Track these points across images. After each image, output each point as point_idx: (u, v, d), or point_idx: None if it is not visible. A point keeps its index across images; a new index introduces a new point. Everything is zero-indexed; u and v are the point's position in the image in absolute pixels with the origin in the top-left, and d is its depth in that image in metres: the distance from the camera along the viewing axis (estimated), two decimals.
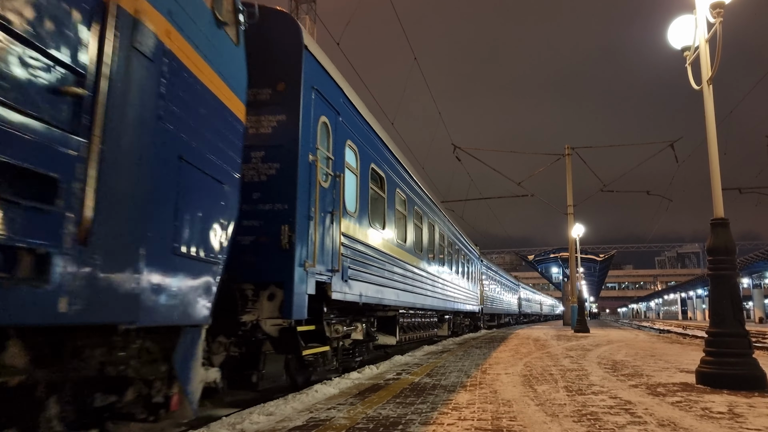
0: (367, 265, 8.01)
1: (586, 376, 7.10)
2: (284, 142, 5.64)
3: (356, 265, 7.44)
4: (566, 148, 27.40)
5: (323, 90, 6.46)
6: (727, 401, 5.11)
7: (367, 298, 7.96)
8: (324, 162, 6.35)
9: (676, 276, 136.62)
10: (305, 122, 5.81)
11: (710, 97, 6.70)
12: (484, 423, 4.15)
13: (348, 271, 7.06)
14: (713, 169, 6.61)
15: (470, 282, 21.72)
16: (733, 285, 6.20)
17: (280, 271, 5.36)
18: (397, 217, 10.28)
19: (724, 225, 6.33)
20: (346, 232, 7.06)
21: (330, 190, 6.50)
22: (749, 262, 46.36)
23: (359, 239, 7.66)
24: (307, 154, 5.80)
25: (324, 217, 6.28)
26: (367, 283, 7.92)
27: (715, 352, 6.12)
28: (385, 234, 9.23)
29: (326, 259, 6.28)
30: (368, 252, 8.10)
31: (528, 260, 65.11)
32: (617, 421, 4.18)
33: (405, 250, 10.64)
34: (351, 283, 7.17)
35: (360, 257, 7.67)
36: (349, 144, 7.44)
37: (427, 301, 12.79)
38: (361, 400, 5.26)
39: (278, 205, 5.50)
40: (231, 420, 4.63)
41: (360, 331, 8.19)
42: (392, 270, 9.55)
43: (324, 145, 6.47)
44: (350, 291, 7.14)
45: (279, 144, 5.64)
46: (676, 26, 7.21)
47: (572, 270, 28.74)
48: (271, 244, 5.40)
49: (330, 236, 6.48)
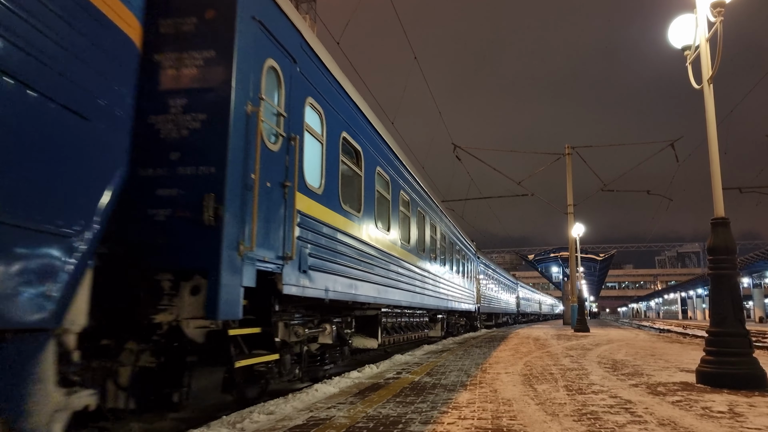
0: (337, 254, 6.80)
1: (586, 375, 7.10)
2: (213, 84, 4.40)
3: (321, 253, 6.25)
4: (566, 148, 27.38)
5: (271, 26, 5.17)
6: (728, 400, 5.11)
7: (337, 294, 6.73)
8: (272, 118, 5.14)
9: (676, 275, 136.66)
10: (242, 61, 4.55)
11: (711, 97, 6.69)
12: (484, 422, 4.15)
13: (308, 260, 5.84)
14: (714, 168, 6.60)
15: (466, 280, 20.32)
16: (733, 284, 6.20)
17: (203, 256, 4.11)
18: (378, 201, 8.99)
19: (725, 224, 6.33)
20: (307, 211, 5.88)
21: (281, 155, 5.26)
22: (749, 261, 46.37)
23: (326, 222, 6.46)
24: (244, 104, 4.54)
25: (271, 189, 5.01)
26: (336, 276, 6.71)
27: (716, 352, 6.11)
28: (362, 220, 7.95)
29: (274, 243, 5.06)
30: (338, 239, 6.88)
31: (528, 260, 65.10)
32: (617, 421, 4.18)
33: (389, 240, 9.41)
34: (313, 274, 5.98)
35: (326, 244, 6.47)
36: (311, 103, 6.17)
37: (415, 299, 11.49)
38: (361, 399, 5.26)
39: (203, 169, 4.26)
40: (231, 419, 4.64)
41: (329, 333, 7.04)
42: (371, 262, 8.27)
43: (272, 96, 5.23)
44: (312, 284, 5.93)
45: (205, 88, 4.41)
46: (676, 25, 7.20)
47: (572, 269, 28.74)
48: (193, 220, 4.17)
49: (281, 214, 5.22)
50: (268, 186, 4.91)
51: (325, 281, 6.35)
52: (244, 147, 4.49)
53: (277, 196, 5.14)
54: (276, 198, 5.12)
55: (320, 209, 6.30)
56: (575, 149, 27.26)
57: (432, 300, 13.51)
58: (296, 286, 5.52)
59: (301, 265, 5.65)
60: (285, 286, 5.23)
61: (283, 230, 5.25)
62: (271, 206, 5.01)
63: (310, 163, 6.17)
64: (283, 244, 5.24)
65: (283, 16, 5.50)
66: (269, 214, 4.96)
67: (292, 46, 5.69)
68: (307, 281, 5.79)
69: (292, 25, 5.72)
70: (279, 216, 5.18)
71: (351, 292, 7.29)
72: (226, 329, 4.43)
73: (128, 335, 4.11)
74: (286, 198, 5.30)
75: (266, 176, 4.87)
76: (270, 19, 5.15)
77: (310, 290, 5.88)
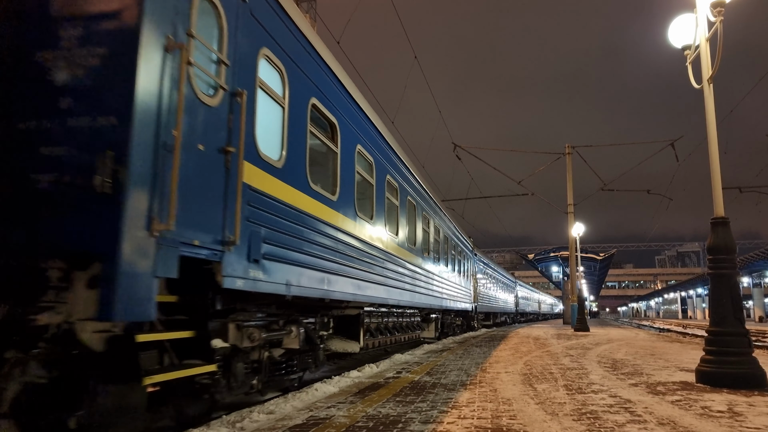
0: (304, 242, 5.70)
1: (586, 374, 7.11)
2: (117, 7, 3.40)
3: (281, 239, 5.17)
4: (566, 147, 27.39)
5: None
6: (727, 400, 5.11)
7: (303, 289, 5.63)
8: (208, 65, 4.18)
9: (676, 275, 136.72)
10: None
11: (711, 96, 6.69)
12: (484, 421, 4.16)
13: (262, 246, 4.80)
14: (714, 168, 6.61)
15: (462, 278, 19.26)
16: (733, 284, 6.20)
17: (98, 235, 3.13)
18: (359, 185, 7.91)
19: (725, 224, 6.33)
20: (260, 187, 4.82)
21: (221, 112, 4.26)
22: (749, 261, 46.40)
23: (288, 203, 5.36)
24: (162, 36, 3.52)
25: (205, 153, 4.01)
26: (302, 268, 5.60)
27: (715, 351, 6.12)
28: (339, 205, 6.85)
29: (209, 223, 4.03)
30: (307, 224, 5.78)
31: (528, 259, 65.06)
32: (617, 420, 4.18)
33: (373, 232, 8.29)
34: (269, 265, 4.93)
35: (289, 229, 5.36)
36: (267, 56, 5.12)
37: (404, 297, 10.26)
38: (361, 399, 5.26)
39: (101, 120, 3.28)
40: (231, 418, 4.64)
41: (295, 336, 5.99)
42: (350, 254, 7.14)
43: (208, 36, 4.23)
44: (267, 277, 4.87)
45: (107, 13, 3.42)
46: (676, 25, 7.20)
47: (572, 269, 28.74)
48: (86, 187, 3.19)
49: (219, 187, 4.18)
50: (200, 149, 3.92)
51: (286, 274, 5.25)
52: (160, 93, 3.47)
53: (213, 163, 4.11)
54: (212, 166, 4.10)
55: (280, 186, 5.21)
56: (575, 149, 27.28)
57: (424, 298, 12.28)
58: (243, 278, 4.47)
59: (252, 253, 4.59)
60: (226, 278, 4.20)
61: (224, 207, 4.19)
62: (205, 175, 4.01)
63: (267, 130, 5.12)
64: (224, 225, 4.18)
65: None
66: (201, 185, 3.94)
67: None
68: (260, 273, 4.74)
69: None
70: (217, 189, 4.14)
71: (323, 288, 6.17)
72: (132, 334, 3.42)
73: (8, 341, 3.17)
74: (228, 167, 4.25)
75: (197, 136, 3.90)
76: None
77: (264, 284, 4.80)
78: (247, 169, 4.55)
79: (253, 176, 4.67)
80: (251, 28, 4.82)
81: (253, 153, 4.75)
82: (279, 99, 5.42)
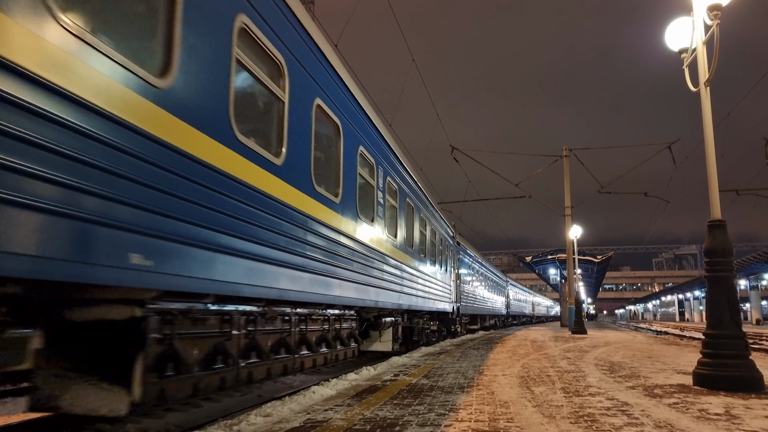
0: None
1: (583, 377, 7.11)
2: None
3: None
4: (564, 150, 27.46)
5: None
6: (724, 403, 5.11)
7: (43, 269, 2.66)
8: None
9: (673, 277, 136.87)
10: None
11: (708, 99, 6.71)
12: (481, 424, 4.15)
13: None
14: (710, 170, 6.62)
15: (440, 269, 15.65)
16: (730, 287, 6.21)
17: None
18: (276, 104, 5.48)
19: (722, 227, 6.34)
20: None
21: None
22: (746, 263, 46.50)
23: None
24: None
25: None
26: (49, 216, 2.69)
27: (712, 354, 6.12)
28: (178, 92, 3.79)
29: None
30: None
31: (526, 261, 65.14)
32: (614, 423, 4.18)
33: (259, 160, 4.89)
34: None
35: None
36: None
37: (316, 290, 6.17)
38: (358, 402, 5.25)
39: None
40: (227, 421, 4.62)
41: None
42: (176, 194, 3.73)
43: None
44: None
45: None
46: (673, 28, 7.23)
47: (570, 271, 28.78)
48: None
49: None
50: None
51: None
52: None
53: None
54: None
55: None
56: (573, 151, 27.35)
57: (369, 294, 8.32)
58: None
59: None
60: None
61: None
62: None
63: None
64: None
65: None
66: None
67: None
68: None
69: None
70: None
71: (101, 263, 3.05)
72: None
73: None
74: None
75: None
76: None
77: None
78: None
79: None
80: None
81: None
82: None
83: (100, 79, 3.08)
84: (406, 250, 11.12)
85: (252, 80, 5.08)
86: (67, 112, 2.83)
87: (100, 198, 3.04)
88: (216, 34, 4.32)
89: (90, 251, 2.98)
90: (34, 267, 2.65)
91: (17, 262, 2.56)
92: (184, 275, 3.80)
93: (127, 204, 3.25)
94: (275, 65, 5.41)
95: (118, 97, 3.20)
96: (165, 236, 3.60)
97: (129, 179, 3.27)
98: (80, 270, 2.92)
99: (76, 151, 2.88)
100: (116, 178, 3.16)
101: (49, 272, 2.75)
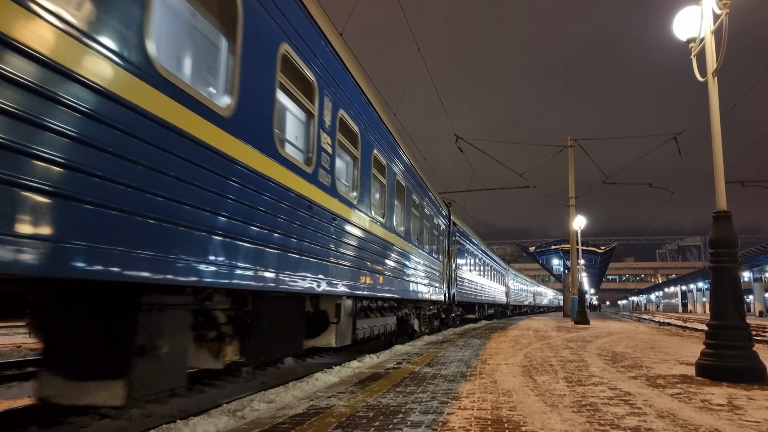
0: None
1: (585, 367, 7.12)
2: None
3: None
4: (569, 140, 27.35)
5: None
6: (727, 393, 5.12)
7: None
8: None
9: (676, 269, 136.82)
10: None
11: (715, 90, 6.66)
12: (484, 412, 4.17)
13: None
14: (716, 162, 6.59)
15: (431, 251, 14.18)
16: (734, 278, 6.20)
17: None
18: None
19: (727, 218, 6.32)
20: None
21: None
22: (750, 255, 46.47)
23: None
24: None
25: None
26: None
27: (716, 345, 6.13)
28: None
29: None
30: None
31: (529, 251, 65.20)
32: (616, 412, 4.19)
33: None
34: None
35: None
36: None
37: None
38: (361, 389, 5.28)
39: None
40: (232, 407, 4.66)
41: None
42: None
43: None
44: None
45: None
46: (681, 17, 7.16)
47: (573, 262, 28.77)
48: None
49: None
50: None
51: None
52: None
53: None
54: None
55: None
56: (577, 141, 27.24)
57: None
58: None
59: None
60: None
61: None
62: None
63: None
64: None
65: None
66: None
67: None
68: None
69: None
70: None
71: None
72: None
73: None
74: None
75: None
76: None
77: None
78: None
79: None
80: None
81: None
82: None
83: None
84: (385, 225, 9.51)
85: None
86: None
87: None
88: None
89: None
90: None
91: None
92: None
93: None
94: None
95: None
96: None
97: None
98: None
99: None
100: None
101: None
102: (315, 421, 3.91)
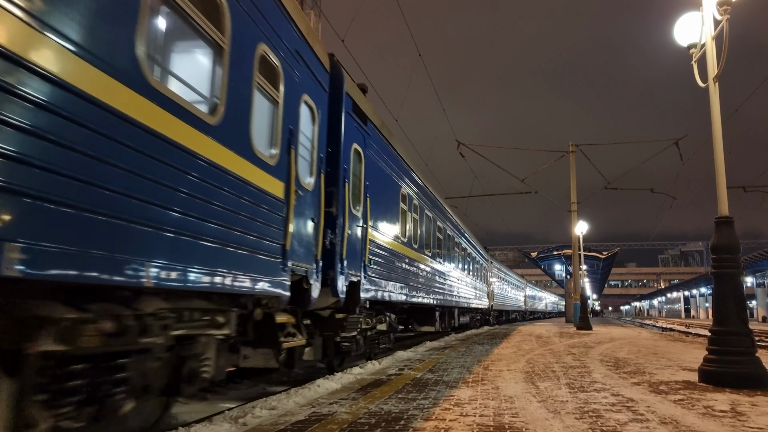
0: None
1: (588, 373, 7.10)
2: None
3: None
4: (570, 145, 27.33)
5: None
6: (730, 400, 5.10)
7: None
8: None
9: (679, 274, 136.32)
10: None
11: (716, 95, 6.66)
12: (486, 419, 4.16)
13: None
14: (718, 167, 6.58)
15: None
16: (736, 283, 6.19)
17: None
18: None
19: (729, 223, 6.31)
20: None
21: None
22: (753, 260, 46.30)
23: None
24: None
25: None
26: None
27: (718, 351, 6.11)
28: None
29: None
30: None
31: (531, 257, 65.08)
32: (619, 419, 4.18)
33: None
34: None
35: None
36: None
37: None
38: (363, 395, 5.27)
39: None
40: (233, 413, 4.65)
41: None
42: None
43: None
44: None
45: None
46: (682, 23, 7.18)
47: (575, 267, 28.69)
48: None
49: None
50: None
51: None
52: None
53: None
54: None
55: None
56: (579, 147, 27.21)
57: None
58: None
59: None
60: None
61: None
62: None
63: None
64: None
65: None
66: None
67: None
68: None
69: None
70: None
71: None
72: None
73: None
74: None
75: None
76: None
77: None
78: None
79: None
80: None
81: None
82: None
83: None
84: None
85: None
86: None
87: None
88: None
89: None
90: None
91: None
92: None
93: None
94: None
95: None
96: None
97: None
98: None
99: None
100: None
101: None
102: (317, 428, 3.91)
